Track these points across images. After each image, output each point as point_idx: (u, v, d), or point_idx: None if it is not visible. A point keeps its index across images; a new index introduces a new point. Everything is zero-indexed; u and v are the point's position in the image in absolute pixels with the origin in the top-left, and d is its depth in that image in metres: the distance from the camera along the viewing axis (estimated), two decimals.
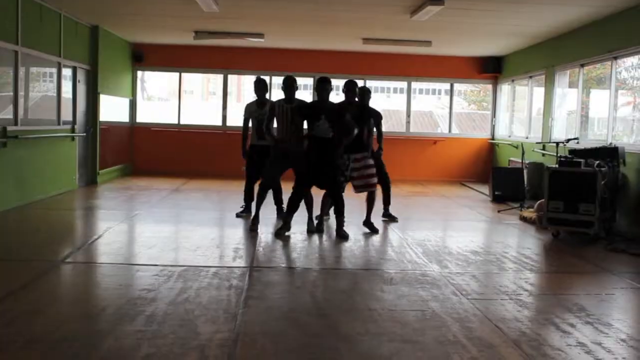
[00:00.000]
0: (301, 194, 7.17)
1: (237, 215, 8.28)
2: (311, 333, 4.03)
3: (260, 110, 8.02)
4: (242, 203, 8.48)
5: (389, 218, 8.46)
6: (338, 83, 8.35)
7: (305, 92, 15.94)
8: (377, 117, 7.98)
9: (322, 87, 7.14)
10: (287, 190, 7.47)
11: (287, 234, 7.12)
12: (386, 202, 8.47)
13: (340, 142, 7.03)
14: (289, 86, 7.38)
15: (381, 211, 8.40)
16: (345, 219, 7.26)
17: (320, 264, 6.02)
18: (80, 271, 5.63)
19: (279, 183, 7.84)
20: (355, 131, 7.13)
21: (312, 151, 7.06)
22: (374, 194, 7.78)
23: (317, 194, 7.55)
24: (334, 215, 7.31)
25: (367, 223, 7.68)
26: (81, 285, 5.23)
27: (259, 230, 7.32)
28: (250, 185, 8.29)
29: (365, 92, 8.07)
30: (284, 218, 7.25)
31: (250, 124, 8.31)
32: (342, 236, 7.13)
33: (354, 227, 7.72)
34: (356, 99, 7.72)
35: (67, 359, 3.45)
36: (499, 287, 5.30)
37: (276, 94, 13.14)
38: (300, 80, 7.72)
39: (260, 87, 8.21)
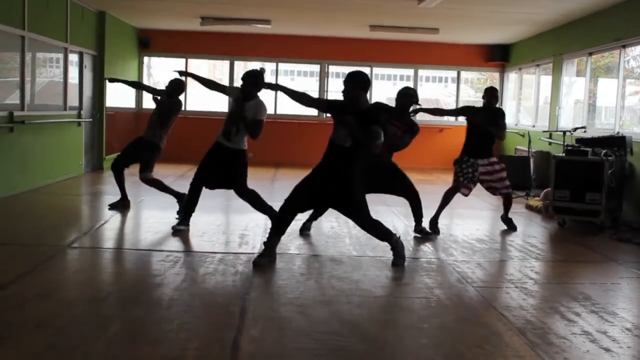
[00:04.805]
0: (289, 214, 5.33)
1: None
2: (316, 319, 4.04)
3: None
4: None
5: (424, 234, 6.80)
6: (341, 70, 8.19)
7: (311, 79, 15.87)
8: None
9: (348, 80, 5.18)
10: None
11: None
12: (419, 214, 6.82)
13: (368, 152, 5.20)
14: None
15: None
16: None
17: (326, 251, 6.02)
18: (87, 256, 5.65)
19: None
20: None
21: (323, 159, 5.29)
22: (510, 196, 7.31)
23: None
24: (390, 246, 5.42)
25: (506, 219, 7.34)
26: (87, 270, 5.25)
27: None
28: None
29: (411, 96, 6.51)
30: (267, 242, 5.39)
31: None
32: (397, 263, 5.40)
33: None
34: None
35: (74, 343, 3.48)
36: (505, 275, 5.31)
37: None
38: (306, 67, 7.58)
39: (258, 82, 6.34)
